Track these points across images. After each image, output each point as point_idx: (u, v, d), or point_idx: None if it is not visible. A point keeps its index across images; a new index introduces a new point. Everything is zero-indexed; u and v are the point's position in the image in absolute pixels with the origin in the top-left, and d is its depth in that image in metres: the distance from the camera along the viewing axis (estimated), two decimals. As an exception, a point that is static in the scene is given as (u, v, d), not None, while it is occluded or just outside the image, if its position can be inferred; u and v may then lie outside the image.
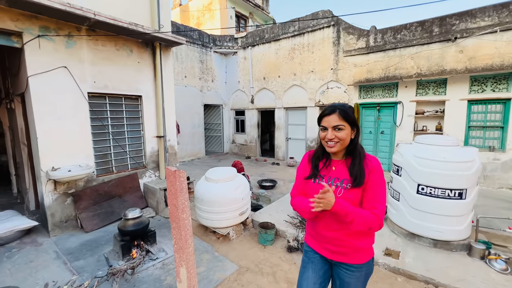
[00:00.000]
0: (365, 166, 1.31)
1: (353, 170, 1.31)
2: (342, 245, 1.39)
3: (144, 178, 4.68)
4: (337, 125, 1.30)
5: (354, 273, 1.40)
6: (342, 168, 1.37)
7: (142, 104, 4.57)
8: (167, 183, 1.93)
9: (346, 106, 1.35)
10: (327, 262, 1.50)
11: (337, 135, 1.30)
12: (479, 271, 2.66)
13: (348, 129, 1.31)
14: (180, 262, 1.95)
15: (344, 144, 1.33)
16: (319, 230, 1.45)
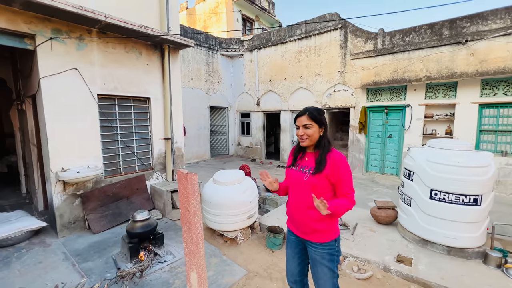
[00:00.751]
0: (328, 158, 1.60)
1: (317, 160, 1.63)
2: (306, 226, 1.69)
3: (151, 180, 4.68)
4: (305, 124, 1.62)
5: (317, 250, 1.68)
6: (312, 158, 1.69)
7: (150, 106, 4.59)
8: (179, 186, 1.91)
9: (316, 109, 1.67)
10: (302, 241, 1.80)
11: (306, 132, 1.63)
12: (496, 280, 2.57)
13: (315, 127, 1.62)
14: (191, 266, 1.92)
15: (312, 139, 1.64)
16: (291, 212, 1.79)
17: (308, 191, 1.64)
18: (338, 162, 1.60)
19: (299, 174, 1.70)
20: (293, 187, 1.75)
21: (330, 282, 1.69)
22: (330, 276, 1.68)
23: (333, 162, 1.60)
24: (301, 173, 1.69)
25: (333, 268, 1.69)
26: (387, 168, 7.15)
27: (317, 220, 1.64)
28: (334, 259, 1.69)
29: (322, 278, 1.70)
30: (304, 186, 1.66)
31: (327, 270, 1.68)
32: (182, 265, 2.94)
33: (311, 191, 1.62)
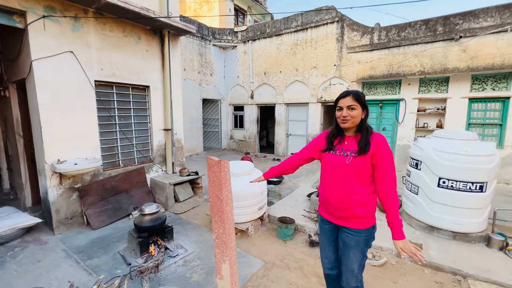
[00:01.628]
0: (371, 140, 1.57)
1: (360, 142, 1.59)
2: (344, 211, 1.65)
3: (151, 173, 4.48)
4: (350, 105, 1.58)
5: (354, 237, 1.66)
6: (353, 142, 1.64)
7: (149, 95, 4.35)
8: (209, 174, 1.81)
9: (359, 91, 1.63)
10: (336, 229, 1.78)
11: (350, 113, 1.58)
12: (501, 261, 2.73)
13: (359, 109, 1.59)
14: (223, 257, 1.84)
15: (355, 122, 1.60)
16: (328, 197, 1.74)
17: (350, 174, 1.60)
18: (381, 142, 1.57)
19: (340, 158, 1.64)
20: (332, 171, 1.69)
21: (358, 264, 1.70)
22: (360, 259, 1.70)
23: (376, 143, 1.57)
24: (342, 157, 1.63)
25: (365, 252, 1.71)
26: (380, 160, 7.35)
27: (359, 205, 1.61)
28: (368, 244, 1.70)
29: (351, 261, 1.70)
30: (345, 170, 1.61)
31: (359, 254, 1.68)
32: (196, 258, 2.84)
33: (353, 175, 1.60)
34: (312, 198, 4.10)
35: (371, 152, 1.55)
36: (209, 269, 2.65)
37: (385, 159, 1.56)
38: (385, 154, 1.56)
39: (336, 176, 1.67)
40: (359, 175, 1.59)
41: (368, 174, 1.61)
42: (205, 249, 3.03)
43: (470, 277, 2.52)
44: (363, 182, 1.61)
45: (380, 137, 1.60)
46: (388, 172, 1.57)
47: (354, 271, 1.71)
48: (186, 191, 4.60)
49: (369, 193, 1.62)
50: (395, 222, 1.53)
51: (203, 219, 3.92)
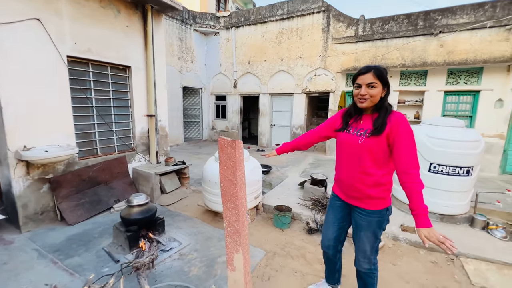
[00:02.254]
0: (388, 120, 1.46)
1: (376, 122, 1.49)
2: (357, 191, 1.61)
3: (133, 163, 4.10)
4: (370, 83, 1.45)
5: (366, 217, 1.62)
6: (369, 121, 1.55)
7: (130, 77, 3.93)
8: (221, 156, 1.62)
9: (380, 67, 1.49)
10: (347, 207, 1.75)
11: (370, 92, 1.46)
12: (485, 240, 2.92)
13: (380, 87, 1.46)
14: (235, 247, 1.68)
15: (374, 101, 1.49)
16: (341, 177, 1.72)
17: (362, 154, 1.53)
18: (399, 121, 1.44)
19: (353, 138, 1.57)
20: (346, 151, 1.64)
21: (370, 245, 1.66)
22: (373, 241, 1.66)
23: (394, 122, 1.45)
24: (356, 136, 1.56)
25: (378, 234, 1.66)
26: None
27: (372, 185, 1.55)
28: (381, 226, 1.64)
29: (362, 241, 1.67)
30: (358, 149, 1.54)
31: (371, 235, 1.64)
32: (192, 251, 2.64)
33: (366, 155, 1.52)
34: (305, 186, 4.06)
35: (387, 131, 1.45)
36: (208, 261, 2.47)
37: (404, 138, 1.42)
38: (404, 132, 1.42)
39: (349, 156, 1.61)
40: (372, 155, 1.51)
41: (383, 155, 1.51)
42: (200, 241, 2.83)
43: (462, 255, 2.66)
44: (377, 163, 1.53)
45: (399, 116, 1.48)
46: (408, 152, 1.42)
47: (366, 252, 1.68)
48: (172, 181, 4.31)
49: (382, 174, 1.54)
50: (418, 208, 1.36)
51: (194, 210, 3.69)
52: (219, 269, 2.35)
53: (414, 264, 2.61)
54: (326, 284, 2.08)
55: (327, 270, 2.04)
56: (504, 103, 5.69)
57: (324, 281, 2.11)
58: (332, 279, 2.05)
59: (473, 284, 2.32)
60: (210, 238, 2.90)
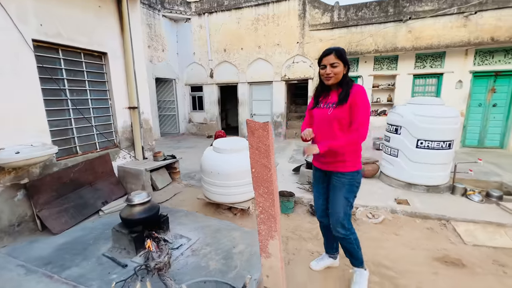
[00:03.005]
0: (351, 92, 1.69)
1: (340, 94, 1.72)
2: (328, 157, 1.81)
3: (118, 160, 3.74)
4: (333, 63, 1.68)
5: (340, 179, 1.82)
6: (335, 95, 1.77)
7: (108, 65, 3.52)
8: (250, 140, 1.52)
9: (340, 48, 1.74)
10: (325, 175, 1.94)
11: (333, 70, 1.69)
12: (467, 204, 3.27)
13: (341, 66, 1.69)
14: (270, 233, 1.62)
15: (338, 78, 1.72)
16: None
17: (331, 123, 1.75)
18: (357, 91, 1.68)
19: (323, 110, 1.80)
20: (318, 123, 1.85)
21: (343, 209, 1.81)
22: (344, 204, 1.82)
23: (354, 93, 1.69)
24: (325, 109, 1.79)
25: (348, 197, 1.82)
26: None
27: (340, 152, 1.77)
28: (352, 189, 1.82)
29: (336, 204, 1.84)
30: (328, 120, 1.77)
31: (342, 198, 1.81)
32: (204, 246, 2.51)
33: (334, 123, 1.74)
34: (301, 171, 4.12)
35: (350, 101, 1.68)
36: (224, 253, 2.38)
37: (358, 105, 1.67)
38: (360, 100, 1.67)
39: (321, 126, 1.83)
40: (339, 123, 1.74)
41: (347, 122, 1.73)
42: (209, 235, 2.71)
43: (452, 219, 2.95)
44: (343, 129, 1.75)
45: (359, 87, 1.72)
46: (357, 118, 1.68)
47: (339, 215, 1.82)
48: (163, 177, 4.05)
49: None
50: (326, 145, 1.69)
51: (193, 205, 3.53)
52: (237, 260, 2.28)
53: (413, 232, 2.83)
54: (327, 256, 2.24)
55: (325, 240, 2.20)
56: (463, 84, 6.35)
57: (325, 253, 2.26)
58: (331, 249, 2.20)
59: (466, 243, 2.59)
60: (218, 230, 2.80)
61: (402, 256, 2.41)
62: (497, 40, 5.79)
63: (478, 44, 5.93)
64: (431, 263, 2.32)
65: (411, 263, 2.32)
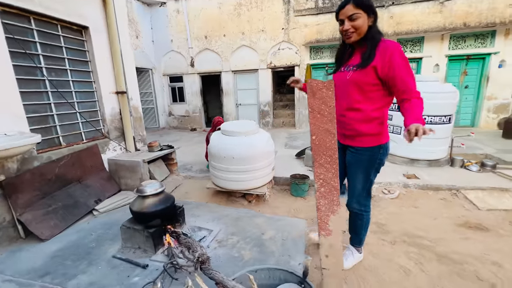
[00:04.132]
0: (377, 51, 1.37)
1: (364, 54, 1.41)
2: (349, 129, 1.56)
3: (108, 152, 3.28)
4: (351, 15, 1.36)
5: (355, 155, 1.59)
6: (359, 55, 1.47)
7: (90, 42, 3.01)
8: (313, 102, 1.33)
9: None
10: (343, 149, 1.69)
11: (353, 24, 1.37)
12: (467, 174, 3.45)
13: (364, 16, 1.37)
14: (331, 208, 1.46)
15: (360, 33, 1.40)
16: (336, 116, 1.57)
17: (350, 90, 1.48)
18: (390, 49, 1.33)
19: (343, 74, 1.53)
20: (337, 89, 1.52)
21: (361, 185, 1.62)
22: (363, 180, 1.61)
23: (383, 51, 1.34)
24: (345, 73, 1.52)
25: (369, 174, 1.59)
26: (328, 121, 8.07)
27: (361, 121, 1.50)
28: (373, 165, 1.57)
29: (355, 179, 1.64)
30: (346, 85, 1.50)
31: (360, 174, 1.60)
32: (229, 235, 2.28)
33: (353, 90, 1.47)
34: (307, 152, 4.03)
35: (374, 63, 1.36)
36: (254, 241, 2.17)
37: (398, 66, 1.32)
38: (396, 61, 1.31)
39: (340, 93, 1.54)
40: (359, 89, 1.45)
41: (371, 88, 1.43)
42: (230, 224, 2.48)
43: (461, 188, 3.07)
44: (367, 97, 1.46)
45: (389, 44, 1.36)
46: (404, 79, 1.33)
47: (356, 191, 1.66)
48: (161, 169, 3.66)
49: (373, 109, 1.48)
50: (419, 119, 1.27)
51: (200, 196, 3.24)
52: (272, 246, 2.09)
53: (430, 203, 2.88)
54: None
55: None
56: (440, 67, 6.76)
57: None
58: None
59: (480, 209, 2.69)
60: (239, 218, 2.57)
61: (428, 226, 2.43)
62: (469, 26, 6.22)
63: (452, 29, 6.31)
64: (458, 230, 2.37)
65: (439, 231, 2.34)
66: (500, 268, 1.82)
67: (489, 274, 1.77)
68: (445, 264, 1.89)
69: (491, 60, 6.42)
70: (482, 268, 1.83)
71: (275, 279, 1.53)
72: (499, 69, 6.40)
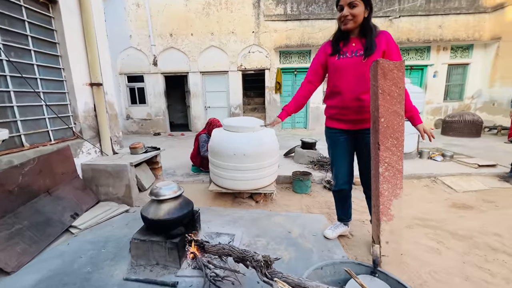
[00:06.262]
0: (380, 37, 1.54)
1: (366, 42, 1.53)
2: (362, 113, 1.63)
3: (81, 156, 2.69)
4: (351, 2, 1.45)
5: None
6: (358, 43, 1.58)
7: (60, 20, 2.45)
8: (384, 83, 1.31)
9: None
10: (351, 139, 1.77)
11: (352, 12, 1.47)
12: (435, 164, 3.97)
13: (362, 6, 1.48)
14: (394, 191, 1.45)
15: (357, 21, 1.50)
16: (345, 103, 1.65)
17: (367, 72, 1.52)
18: (388, 37, 1.55)
19: (355, 59, 1.57)
20: (348, 74, 1.60)
21: None
22: None
23: (386, 38, 1.54)
24: (357, 57, 1.56)
25: None
26: (297, 123, 8.38)
27: None
28: None
29: None
30: (363, 68, 1.54)
31: None
32: (254, 237, 2.08)
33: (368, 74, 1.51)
34: (299, 151, 4.05)
35: (383, 48, 1.52)
36: (285, 241, 2.02)
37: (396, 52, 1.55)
38: (394, 48, 1.55)
39: (354, 77, 1.59)
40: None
41: None
42: (249, 226, 2.27)
43: (437, 175, 3.50)
44: None
45: (387, 33, 1.58)
46: None
47: None
48: (147, 174, 3.18)
49: None
50: (412, 110, 1.62)
51: (200, 200, 2.92)
52: (306, 243, 1.98)
53: (417, 190, 3.19)
54: (341, 224, 2.06)
55: (341, 209, 2.04)
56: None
57: (338, 222, 2.09)
58: (346, 215, 2.04)
59: (458, 191, 3.11)
60: (256, 220, 2.38)
61: (429, 209, 2.67)
62: (411, 41, 7.33)
63: (399, 43, 7.34)
64: (451, 210, 2.66)
65: (439, 213, 2.59)
66: (501, 238, 2.10)
67: (496, 243, 2.02)
68: (460, 240, 2.08)
69: (428, 70, 7.66)
70: (488, 239, 2.07)
71: (341, 274, 1.43)
72: (433, 78, 7.69)
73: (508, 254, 1.88)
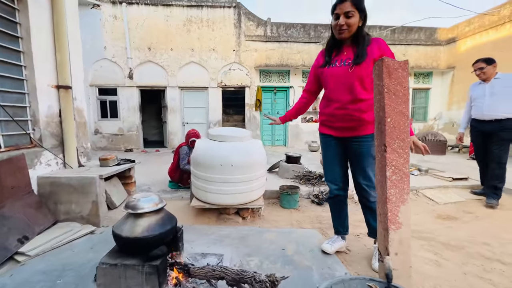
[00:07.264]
0: (373, 45, 1.53)
1: (359, 50, 1.52)
2: (352, 121, 1.61)
3: (38, 168, 2.29)
4: (348, 11, 1.46)
5: (365, 143, 1.65)
6: (351, 52, 1.57)
7: (26, 13, 2.19)
8: (389, 82, 1.27)
9: None
10: (342, 144, 1.75)
11: (347, 21, 1.48)
12: (414, 178, 4.08)
13: (357, 16, 1.48)
14: (402, 197, 1.37)
15: (352, 30, 1.51)
16: (332, 111, 1.66)
17: (353, 82, 1.54)
18: (381, 44, 1.54)
19: (342, 69, 1.57)
20: (335, 83, 1.61)
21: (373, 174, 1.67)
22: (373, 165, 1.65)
23: (378, 45, 1.52)
24: (344, 67, 1.56)
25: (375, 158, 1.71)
26: (277, 140, 8.40)
27: (365, 110, 1.60)
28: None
29: (366, 170, 1.69)
30: (349, 78, 1.55)
31: (372, 160, 1.66)
32: (245, 256, 1.85)
33: (357, 82, 1.54)
34: (284, 166, 3.94)
35: (374, 56, 1.51)
36: (281, 259, 1.82)
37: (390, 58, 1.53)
38: (390, 54, 1.52)
39: (341, 86, 1.59)
40: (361, 81, 1.55)
41: (371, 80, 1.51)
42: (238, 244, 2.03)
43: (418, 188, 3.58)
44: (367, 88, 1.57)
45: (381, 40, 1.57)
46: None
47: (372, 179, 1.68)
48: (118, 190, 2.81)
49: (371, 98, 1.57)
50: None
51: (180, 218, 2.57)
52: (304, 260, 1.79)
53: (402, 203, 3.21)
54: (339, 238, 1.95)
55: (338, 218, 1.93)
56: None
57: (335, 236, 1.97)
58: (342, 226, 1.93)
59: (439, 203, 3.18)
60: (244, 237, 2.15)
61: (418, 221, 2.65)
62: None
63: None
64: (437, 221, 2.68)
65: (428, 224, 2.58)
66: (490, 246, 2.10)
67: (487, 252, 2.01)
68: (454, 251, 2.04)
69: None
70: (480, 249, 2.07)
71: (351, 292, 1.26)
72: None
73: (502, 263, 1.86)
